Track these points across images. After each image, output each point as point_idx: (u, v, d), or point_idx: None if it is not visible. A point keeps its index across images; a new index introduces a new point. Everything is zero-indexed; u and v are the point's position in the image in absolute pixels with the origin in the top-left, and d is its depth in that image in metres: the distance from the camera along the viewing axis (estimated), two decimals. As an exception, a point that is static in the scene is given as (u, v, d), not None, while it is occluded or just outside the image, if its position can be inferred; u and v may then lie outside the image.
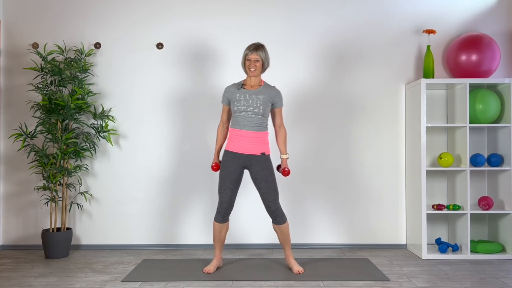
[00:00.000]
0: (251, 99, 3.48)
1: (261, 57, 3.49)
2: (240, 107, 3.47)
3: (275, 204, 3.50)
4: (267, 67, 3.58)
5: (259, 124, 3.49)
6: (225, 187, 3.50)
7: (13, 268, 3.76)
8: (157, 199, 4.40)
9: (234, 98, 3.52)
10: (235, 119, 3.52)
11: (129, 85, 4.41)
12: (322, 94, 4.41)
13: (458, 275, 3.51)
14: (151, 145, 4.40)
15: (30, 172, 4.36)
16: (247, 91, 3.51)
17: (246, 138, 3.48)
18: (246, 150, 3.48)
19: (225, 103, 3.61)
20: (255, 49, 3.49)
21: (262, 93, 3.51)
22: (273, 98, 3.54)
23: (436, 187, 4.38)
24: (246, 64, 3.51)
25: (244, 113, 3.47)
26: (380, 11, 4.42)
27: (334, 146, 4.40)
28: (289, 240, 3.62)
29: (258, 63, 3.49)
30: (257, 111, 3.47)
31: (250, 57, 3.48)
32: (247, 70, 3.52)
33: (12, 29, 4.41)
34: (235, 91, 3.54)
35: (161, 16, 4.41)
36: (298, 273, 3.53)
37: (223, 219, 3.55)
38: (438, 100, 4.39)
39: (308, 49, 4.41)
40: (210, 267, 3.58)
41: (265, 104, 3.49)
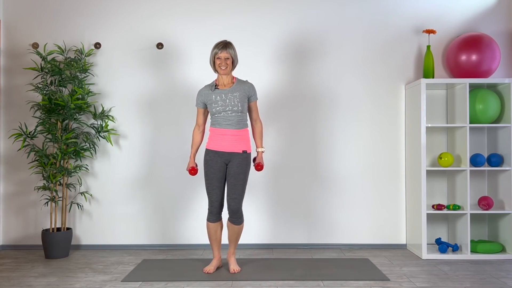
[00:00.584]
0: (227, 98, 3.48)
1: (231, 55, 3.49)
2: (218, 108, 3.47)
3: (236, 203, 3.49)
4: (236, 64, 3.57)
5: (239, 121, 3.50)
6: (213, 186, 3.50)
7: (13, 268, 3.76)
8: (157, 199, 4.40)
9: (210, 100, 3.51)
10: (216, 119, 3.52)
11: (129, 85, 4.41)
12: (322, 94, 4.41)
13: (458, 275, 3.51)
14: (151, 145, 4.40)
15: (30, 172, 4.36)
16: (222, 91, 3.50)
17: (228, 136, 3.48)
18: (228, 148, 3.49)
19: (200, 106, 3.59)
20: (225, 47, 3.48)
21: (237, 90, 3.51)
22: (248, 93, 3.55)
23: (436, 187, 4.38)
24: (217, 63, 3.49)
25: (224, 113, 3.47)
26: (380, 11, 4.42)
27: (334, 146, 4.40)
28: (238, 240, 3.64)
29: (228, 60, 3.49)
30: (236, 109, 3.47)
31: (220, 56, 3.47)
32: (217, 69, 3.50)
33: (12, 29, 4.41)
34: (209, 93, 3.53)
35: (161, 16, 4.42)
36: (234, 272, 3.54)
37: (216, 218, 3.55)
38: (438, 100, 4.39)
39: (308, 49, 4.41)
40: (210, 267, 3.58)
41: (242, 100, 3.50)
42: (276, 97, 4.40)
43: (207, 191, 3.54)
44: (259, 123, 3.64)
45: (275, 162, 4.38)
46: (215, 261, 3.63)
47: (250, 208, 4.37)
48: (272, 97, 4.39)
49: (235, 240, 3.63)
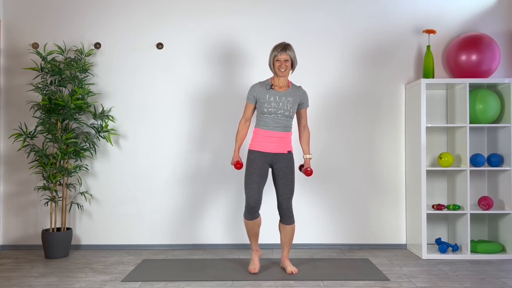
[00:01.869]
0: (281, 101, 3.45)
1: (290, 57, 3.45)
2: (270, 109, 3.44)
3: (288, 202, 3.50)
4: (296, 65, 3.53)
5: (287, 125, 3.49)
6: (252, 181, 3.42)
7: (13, 268, 3.76)
8: (157, 199, 4.40)
9: (263, 98, 3.47)
10: (263, 119, 3.48)
11: (129, 85, 4.41)
12: (322, 94, 4.41)
13: (458, 275, 3.51)
14: (151, 145, 4.41)
15: (30, 172, 4.36)
16: (277, 93, 3.47)
17: (275, 139, 3.47)
18: (274, 149, 3.48)
19: (252, 102, 3.53)
20: (284, 49, 3.43)
21: (292, 95, 3.49)
22: (301, 99, 3.53)
23: (436, 187, 4.38)
24: (276, 65, 3.44)
25: (274, 115, 3.45)
26: (380, 11, 4.42)
27: (333, 145, 4.40)
28: (291, 242, 3.62)
29: (288, 63, 3.44)
30: (287, 114, 3.46)
31: (280, 58, 3.42)
32: (276, 71, 3.45)
33: (12, 29, 4.41)
34: (264, 91, 3.48)
35: (161, 16, 4.42)
36: (292, 273, 3.52)
37: (253, 216, 3.47)
38: (438, 100, 4.39)
39: (308, 49, 4.41)
40: (254, 266, 3.53)
41: (294, 105, 3.49)
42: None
43: (246, 186, 3.44)
44: (307, 130, 3.63)
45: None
46: (256, 256, 3.59)
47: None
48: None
49: (288, 242, 3.59)
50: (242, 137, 3.59)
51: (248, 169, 3.47)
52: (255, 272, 3.53)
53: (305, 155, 3.61)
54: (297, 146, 4.28)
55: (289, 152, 3.52)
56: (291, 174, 3.50)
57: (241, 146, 3.64)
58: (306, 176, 3.66)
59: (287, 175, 3.49)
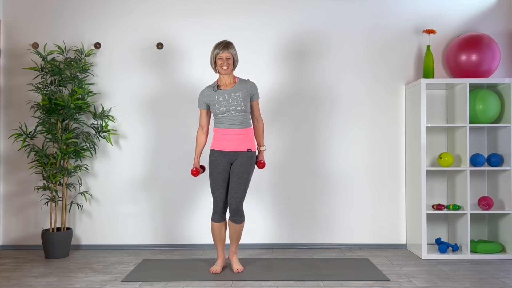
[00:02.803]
0: (230, 98, 3.47)
1: (232, 55, 3.49)
2: (222, 109, 3.47)
3: (237, 202, 3.47)
4: (237, 63, 3.57)
5: (243, 121, 3.50)
6: (218, 186, 3.49)
7: (13, 268, 3.77)
8: (157, 199, 4.40)
9: (213, 101, 3.50)
10: (219, 119, 3.51)
11: (129, 85, 4.41)
12: (322, 94, 4.41)
13: (458, 275, 3.51)
14: (151, 145, 4.41)
15: (30, 172, 4.36)
16: (225, 91, 3.50)
17: (233, 136, 3.48)
18: (233, 147, 3.49)
19: (203, 107, 3.59)
20: (226, 47, 3.47)
21: (240, 90, 3.51)
22: (250, 92, 3.54)
23: (436, 187, 4.38)
24: (218, 63, 3.48)
25: (227, 113, 3.47)
26: (380, 11, 4.42)
27: (333, 145, 4.40)
28: (239, 239, 3.63)
29: (230, 60, 3.48)
30: (240, 109, 3.47)
31: (222, 56, 3.46)
32: (219, 69, 3.50)
33: (12, 29, 4.41)
34: (212, 94, 3.52)
35: (161, 16, 4.42)
36: (237, 271, 3.54)
37: (221, 218, 3.55)
38: (438, 100, 4.39)
39: (308, 49, 4.41)
40: (217, 267, 3.57)
41: (245, 99, 3.50)
42: (276, 96, 4.40)
43: (212, 190, 3.52)
44: (261, 122, 3.65)
45: (275, 162, 4.38)
46: (220, 260, 3.62)
47: (250, 208, 4.37)
48: (272, 96, 4.40)
49: (236, 239, 3.62)
50: (200, 144, 3.64)
51: (212, 173, 3.51)
52: (217, 272, 3.54)
53: (259, 147, 3.63)
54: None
55: (248, 150, 3.51)
56: (246, 173, 3.47)
57: (200, 153, 3.66)
58: (258, 168, 3.65)
59: (240, 173, 3.46)
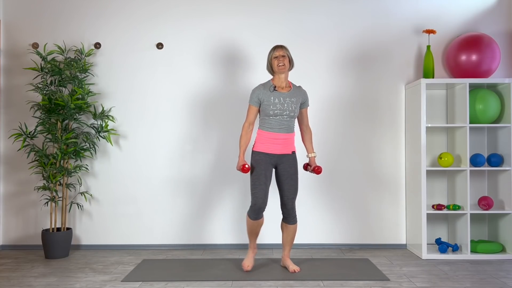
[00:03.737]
0: (286, 102, 3.46)
1: (287, 54, 3.49)
2: (276, 111, 3.45)
3: (292, 202, 3.52)
4: (293, 65, 3.56)
5: (290, 126, 3.52)
6: (260, 182, 3.44)
7: (13, 268, 3.77)
8: (157, 199, 4.40)
9: (268, 101, 3.47)
10: (268, 121, 3.49)
11: (129, 85, 4.41)
12: (322, 94, 4.41)
13: (458, 275, 3.51)
14: (151, 145, 4.41)
15: (30, 172, 4.36)
16: (281, 94, 3.48)
17: (280, 140, 3.49)
18: (278, 150, 3.50)
19: (256, 104, 3.51)
20: (280, 47, 3.49)
21: (295, 95, 3.51)
22: (302, 99, 3.56)
23: (436, 187, 4.38)
24: (274, 62, 3.47)
25: (280, 117, 3.46)
26: (380, 11, 4.42)
27: (334, 146, 4.40)
28: (293, 241, 3.64)
29: (285, 58, 3.47)
30: (293, 114, 3.48)
31: (277, 54, 3.46)
32: (275, 68, 3.47)
33: (12, 29, 4.41)
34: (268, 93, 3.48)
35: (161, 16, 4.42)
36: (294, 271, 3.54)
37: (257, 216, 3.49)
38: (438, 100, 4.39)
39: (308, 50, 4.41)
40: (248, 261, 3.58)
41: (298, 106, 3.52)
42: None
43: (253, 187, 3.45)
44: (310, 129, 3.68)
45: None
46: (252, 253, 3.63)
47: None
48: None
49: (290, 241, 3.62)
50: (246, 141, 3.55)
51: (256, 170, 3.48)
52: (248, 269, 3.55)
53: (309, 154, 3.64)
54: (299, 146, 4.28)
55: (293, 152, 3.54)
56: (296, 174, 3.53)
57: (246, 150, 3.65)
58: (316, 174, 3.69)
59: (292, 175, 3.51)
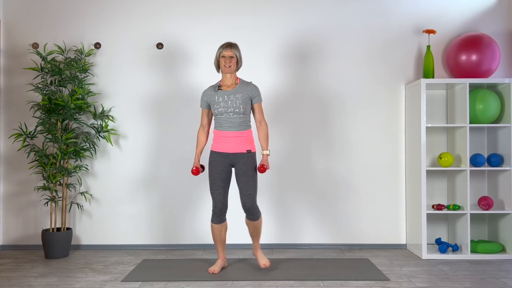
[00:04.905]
0: (229, 99, 3.48)
1: (235, 54, 3.51)
2: (220, 109, 3.48)
3: (251, 199, 3.47)
4: (240, 65, 3.58)
5: (241, 123, 3.50)
6: (217, 186, 3.50)
7: (13, 268, 3.77)
8: (157, 199, 4.40)
9: (213, 101, 3.52)
10: (218, 121, 3.52)
11: (129, 85, 4.41)
12: (322, 94, 4.41)
13: (458, 275, 3.51)
14: (151, 145, 4.41)
15: (30, 172, 4.36)
16: (225, 92, 3.51)
17: (231, 138, 3.49)
18: (232, 149, 3.50)
19: (204, 107, 3.61)
20: (229, 46, 3.51)
21: (240, 92, 3.51)
22: (251, 94, 3.54)
23: (436, 187, 4.38)
24: (221, 62, 3.50)
25: (226, 115, 3.48)
26: (380, 11, 4.42)
27: (334, 146, 4.40)
28: (260, 234, 3.63)
29: (233, 59, 3.50)
30: (238, 111, 3.47)
31: (225, 54, 3.49)
32: (222, 67, 3.51)
33: (12, 29, 4.41)
34: (213, 93, 3.53)
35: (161, 16, 4.42)
36: (265, 266, 3.55)
37: (220, 219, 3.54)
38: (438, 100, 4.39)
39: (308, 50, 4.41)
40: (215, 268, 3.58)
41: (245, 102, 3.49)
42: (276, 97, 4.40)
43: (211, 191, 3.52)
44: (264, 125, 3.60)
45: (275, 162, 4.38)
46: (220, 261, 3.63)
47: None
48: (272, 97, 4.40)
49: (256, 235, 3.62)
50: (201, 144, 3.65)
51: (211, 174, 3.51)
52: (215, 272, 3.54)
53: (262, 151, 3.60)
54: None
55: (248, 151, 3.51)
56: (250, 170, 3.48)
57: (200, 152, 3.65)
58: (259, 173, 3.62)
59: (246, 171, 3.47)
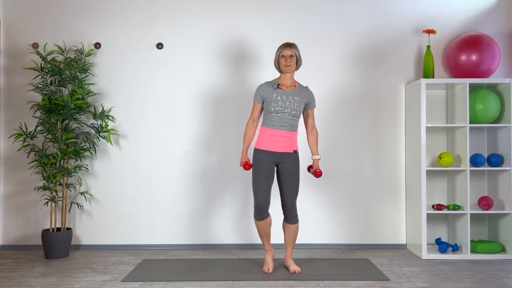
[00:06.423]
0: (288, 100, 3.47)
1: (295, 53, 3.50)
2: (277, 108, 3.46)
3: (292, 202, 3.51)
4: (300, 64, 3.57)
5: (293, 124, 3.51)
6: (261, 183, 3.45)
7: (13, 268, 3.77)
8: (157, 199, 4.40)
9: (270, 98, 3.49)
10: (270, 119, 3.50)
11: (129, 85, 4.41)
12: (322, 94, 4.41)
13: (458, 275, 3.51)
14: (151, 145, 4.41)
15: (30, 172, 4.36)
16: (284, 92, 3.50)
17: (281, 138, 3.49)
18: (280, 148, 3.49)
19: (259, 101, 3.56)
20: (289, 45, 3.50)
21: (298, 94, 3.51)
22: (307, 99, 3.55)
23: (436, 187, 4.38)
24: (281, 61, 3.49)
25: (281, 114, 3.47)
26: (380, 11, 4.42)
27: (334, 146, 4.40)
28: (294, 242, 3.62)
29: (293, 59, 3.49)
30: (294, 113, 3.48)
31: (285, 53, 3.47)
32: (282, 67, 3.50)
33: (12, 29, 4.41)
34: (271, 90, 3.51)
35: (161, 16, 4.42)
36: (295, 272, 3.54)
37: (263, 216, 3.49)
38: (438, 100, 4.39)
39: (308, 50, 4.41)
40: (269, 266, 3.56)
41: (301, 105, 3.51)
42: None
43: (254, 187, 3.47)
44: (315, 131, 3.63)
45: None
46: (269, 257, 3.61)
47: (250, 208, 4.37)
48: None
49: (292, 241, 3.60)
50: (249, 138, 3.60)
51: (256, 170, 3.48)
52: (269, 272, 3.54)
53: (313, 156, 3.61)
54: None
55: (294, 151, 3.53)
56: (296, 174, 3.52)
57: (249, 147, 3.65)
58: (315, 177, 3.66)
59: (292, 174, 3.50)
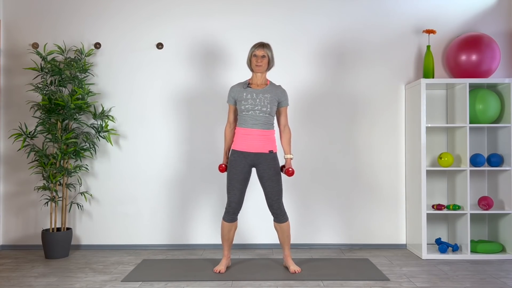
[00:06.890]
0: (258, 97, 3.49)
1: (267, 54, 3.51)
2: (247, 106, 3.48)
3: (278, 203, 3.50)
4: (272, 65, 3.59)
5: (266, 122, 3.51)
6: (233, 187, 3.49)
7: (13, 268, 3.77)
8: (157, 199, 4.40)
9: (241, 97, 3.52)
10: (242, 118, 3.52)
11: (129, 85, 4.41)
12: (322, 94, 4.41)
13: (458, 275, 3.51)
14: (151, 145, 4.41)
15: (30, 172, 4.36)
16: (254, 90, 3.52)
17: (254, 136, 3.48)
18: (254, 148, 3.49)
19: (231, 103, 3.60)
20: (262, 46, 3.52)
21: (269, 92, 3.52)
22: (279, 97, 3.55)
23: (436, 187, 4.38)
24: (253, 60, 3.52)
25: (252, 112, 3.48)
26: (380, 11, 4.42)
27: (333, 146, 4.40)
28: (289, 240, 3.62)
29: (264, 59, 3.51)
30: (265, 110, 3.48)
31: (257, 53, 3.50)
32: (253, 67, 3.53)
33: (12, 29, 4.41)
34: (241, 90, 3.54)
35: (161, 16, 4.42)
36: (295, 272, 3.53)
37: (232, 218, 3.54)
38: (438, 100, 4.39)
39: (308, 49, 4.41)
40: (221, 267, 3.58)
41: (272, 103, 3.51)
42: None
43: (228, 190, 3.52)
44: (288, 130, 3.62)
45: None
46: (225, 260, 3.62)
47: (250, 208, 4.37)
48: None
49: (286, 239, 3.61)
50: (228, 141, 3.66)
51: (230, 173, 3.51)
52: (222, 272, 3.54)
53: (285, 155, 3.60)
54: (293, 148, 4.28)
55: (270, 152, 3.51)
56: (276, 175, 3.50)
57: (228, 149, 3.67)
58: (287, 176, 3.64)
59: (272, 176, 3.49)
